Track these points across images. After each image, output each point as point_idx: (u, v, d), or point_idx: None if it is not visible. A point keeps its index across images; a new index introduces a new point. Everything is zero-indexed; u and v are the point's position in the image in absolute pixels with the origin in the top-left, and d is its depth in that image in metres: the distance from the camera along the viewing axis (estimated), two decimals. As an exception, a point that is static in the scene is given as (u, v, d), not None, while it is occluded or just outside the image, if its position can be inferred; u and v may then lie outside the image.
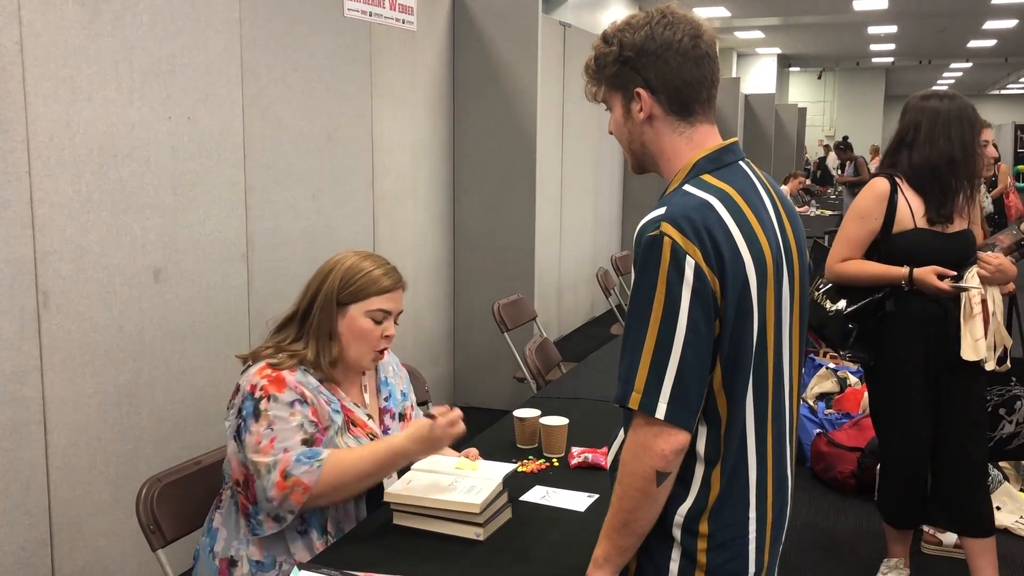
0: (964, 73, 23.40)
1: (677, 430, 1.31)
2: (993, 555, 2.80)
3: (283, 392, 1.89)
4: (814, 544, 3.52)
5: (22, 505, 2.64)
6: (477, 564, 1.77)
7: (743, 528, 1.39)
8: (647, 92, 1.40)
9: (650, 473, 1.32)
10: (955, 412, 2.76)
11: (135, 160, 2.95)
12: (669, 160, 1.44)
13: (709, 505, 1.37)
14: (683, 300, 1.29)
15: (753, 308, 1.34)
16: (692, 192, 1.36)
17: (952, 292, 2.66)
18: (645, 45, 1.39)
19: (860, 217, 2.79)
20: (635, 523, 1.36)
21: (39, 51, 2.62)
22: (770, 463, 1.42)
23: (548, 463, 2.32)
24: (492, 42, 5.07)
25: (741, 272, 1.32)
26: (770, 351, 1.39)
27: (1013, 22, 14.32)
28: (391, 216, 4.56)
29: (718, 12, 13.45)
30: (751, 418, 1.38)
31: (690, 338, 1.29)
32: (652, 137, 1.44)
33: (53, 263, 2.70)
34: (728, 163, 1.42)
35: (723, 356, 1.33)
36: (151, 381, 3.06)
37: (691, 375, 1.30)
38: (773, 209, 1.44)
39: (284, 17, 3.62)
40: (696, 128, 1.43)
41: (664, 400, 1.29)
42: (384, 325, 2.01)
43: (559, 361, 3.95)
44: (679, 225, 1.30)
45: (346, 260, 2.01)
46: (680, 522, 1.38)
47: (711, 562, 1.37)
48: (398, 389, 2.19)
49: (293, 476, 1.84)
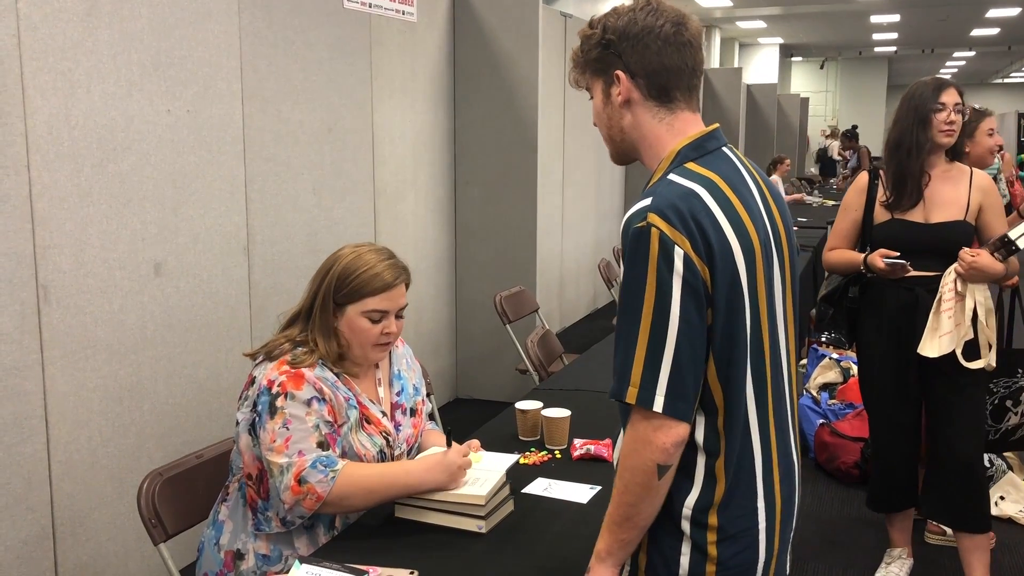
0: (967, 62, 23.32)
1: (676, 422, 1.30)
2: (985, 552, 2.80)
3: (301, 389, 1.87)
4: (818, 534, 3.52)
5: (24, 500, 2.64)
6: (479, 556, 1.76)
7: (752, 518, 1.39)
8: (626, 75, 1.41)
9: (651, 467, 1.31)
10: (942, 408, 2.76)
11: (134, 153, 2.94)
12: (651, 147, 1.44)
13: (717, 498, 1.36)
14: (674, 291, 1.28)
15: (744, 295, 1.33)
16: (677, 181, 1.35)
17: (888, 271, 2.71)
18: (627, 29, 1.40)
19: (844, 209, 2.91)
20: (637, 516, 1.36)
21: (37, 44, 2.61)
22: (775, 451, 1.42)
23: (550, 455, 2.31)
24: (493, 33, 5.05)
25: (730, 260, 1.32)
26: (765, 338, 1.38)
27: (1016, 10, 14.26)
28: (392, 208, 4.55)
29: (720, 2, 13.40)
30: (752, 407, 1.37)
31: (683, 329, 1.28)
32: (631, 123, 1.44)
33: (53, 257, 2.70)
34: (711, 150, 1.42)
35: (715, 346, 1.32)
36: (152, 375, 3.05)
37: (687, 366, 1.29)
38: (759, 194, 1.44)
39: (283, 9, 3.61)
40: (677, 115, 1.42)
41: (661, 393, 1.28)
42: (383, 323, 1.97)
43: (561, 353, 3.94)
44: (666, 215, 1.30)
45: (343, 259, 1.97)
46: (688, 515, 1.37)
47: (721, 554, 1.36)
48: (410, 383, 2.17)
49: (308, 483, 1.83)
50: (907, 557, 3.09)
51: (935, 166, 2.77)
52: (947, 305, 2.63)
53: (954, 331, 2.62)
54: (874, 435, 2.95)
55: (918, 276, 2.71)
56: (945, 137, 2.71)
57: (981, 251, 2.63)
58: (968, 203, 2.73)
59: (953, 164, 2.79)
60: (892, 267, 2.69)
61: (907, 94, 2.78)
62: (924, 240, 2.72)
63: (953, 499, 2.77)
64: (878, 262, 2.72)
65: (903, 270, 2.69)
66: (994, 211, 2.75)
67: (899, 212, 2.76)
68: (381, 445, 1.99)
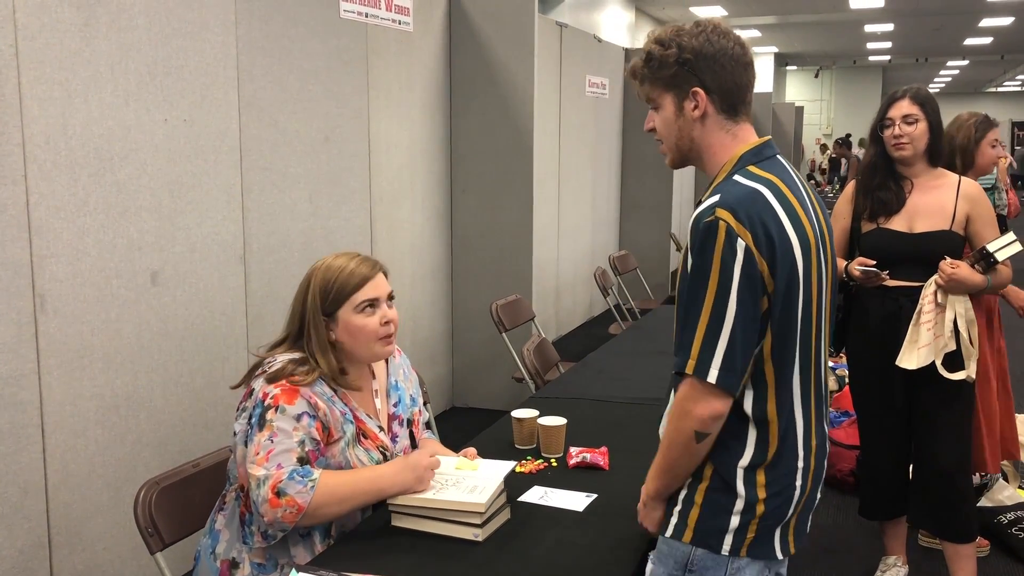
0: (961, 71, 23.41)
1: (717, 397, 1.47)
2: (970, 560, 2.81)
3: (293, 404, 1.87)
4: (813, 542, 3.53)
5: (20, 509, 2.64)
6: (476, 565, 1.77)
7: (792, 477, 1.57)
8: (704, 92, 1.56)
9: (690, 432, 1.51)
10: (925, 418, 2.78)
11: (131, 163, 2.95)
12: (715, 154, 1.60)
13: (768, 459, 1.54)
14: (735, 278, 1.44)
15: (799, 285, 1.51)
16: (742, 182, 1.52)
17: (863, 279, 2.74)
18: (704, 49, 1.55)
19: (833, 217, 2.92)
20: (678, 468, 1.57)
21: (34, 54, 2.62)
22: (813, 422, 1.61)
23: (546, 463, 2.32)
24: (488, 42, 5.07)
25: (790, 253, 1.48)
26: (813, 324, 1.56)
27: (1009, 19, 14.33)
28: (388, 217, 4.56)
29: (715, 11, 13.45)
30: (797, 384, 1.56)
31: (740, 312, 1.45)
32: (701, 133, 1.59)
33: (50, 266, 2.70)
34: (768, 156, 1.59)
35: (774, 328, 1.49)
36: (149, 384, 3.06)
37: (740, 346, 1.46)
38: (808, 198, 1.60)
39: (280, 19, 3.62)
40: (740, 126, 1.60)
41: (716, 367, 1.46)
42: (379, 312, 1.99)
43: (557, 361, 3.95)
44: (733, 211, 1.46)
45: (317, 273, 1.99)
46: (742, 475, 1.55)
47: (767, 507, 1.55)
48: (407, 394, 2.17)
49: (287, 495, 1.83)
50: (902, 565, 3.09)
51: (918, 175, 2.77)
52: (927, 317, 2.62)
53: (933, 343, 2.62)
54: (863, 443, 2.96)
55: (902, 286, 2.71)
56: (896, 151, 2.74)
57: (961, 263, 2.63)
58: (954, 212, 2.69)
59: (940, 172, 2.77)
60: (866, 275, 2.71)
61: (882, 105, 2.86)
62: (908, 250, 2.72)
63: (937, 508, 2.78)
64: (854, 271, 2.74)
65: (877, 279, 2.70)
66: (983, 220, 2.72)
67: (884, 221, 2.76)
68: (378, 460, 1.99)
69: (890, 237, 2.74)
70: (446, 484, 1.94)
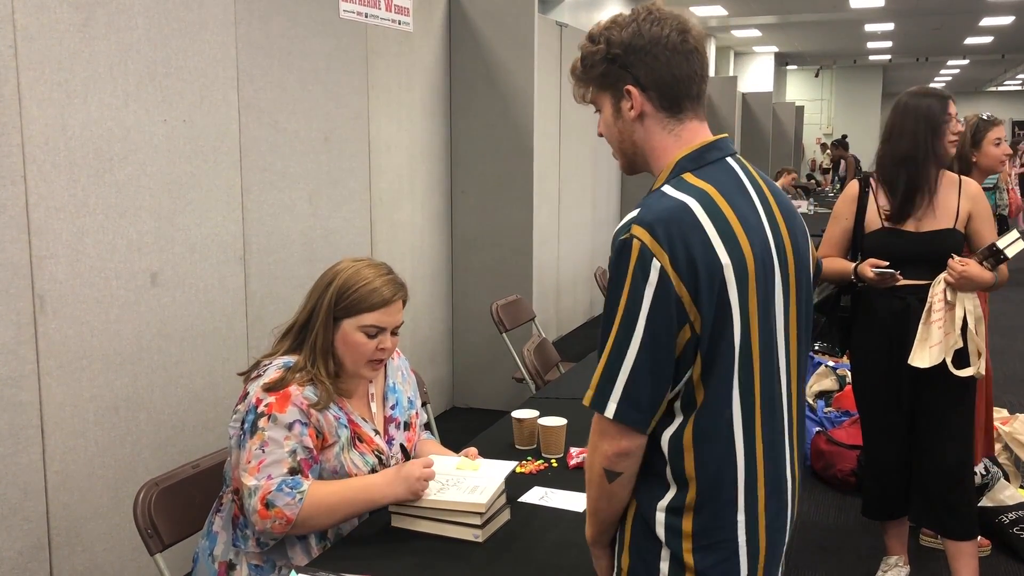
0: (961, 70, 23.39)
1: (624, 434, 1.31)
2: (972, 559, 2.81)
3: (285, 412, 1.86)
4: (814, 542, 3.52)
5: (20, 510, 2.64)
6: (476, 565, 1.76)
7: (731, 531, 1.36)
8: (637, 89, 1.38)
9: (600, 471, 1.35)
10: (930, 415, 2.78)
11: (131, 163, 2.95)
12: (659, 159, 1.42)
13: (688, 502, 1.35)
14: (644, 303, 1.28)
15: (733, 309, 1.31)
16: (669, 194, 1.34)
17: (878, 281, 2.71)
18: (633, 41, 1.37)
19: (834, 218, 2.92)
20: (600, 512, 1.42)
21: (33, 55, 2.62)
22: (761, 466, 1.38)
23: (547, 464, 2.32)
24: (488, 42, 5.07)
25: (718, 274, 1.29)
26: (755, 352, 1.35)
27: (1010, 19, 14.32)
28: (388, 217, 4.55)
29: (715, 11, 13.44)
30: (738, 418, 1.34)
31: (646, 341, 1.28)
32: (643, 136, 1.42)
33: (49, 267, 2.70)
34: (712, 160, 1.39)
35: (702, 351, 1.31)
36: (148, 385, 3.05)
37: (644, 378, 1.29)
38: (763, 206, 1.40)
39: (279, 19, 3.62)
40: (685, 125, 1.41)
41: (615, 400, 1.30)
42: (379, 340, 1.96)
43: (558, 361, 3.95)
44: (651, 228, 1.29)
45: (343, 272, 1.96)
46: (662, 520, 1.36)
47: (699, 564, 1.35)
48: (405, 396, 2.16)
49: (276, 507, 1.82)
50: (903, 565, 3.09)
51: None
52: (937, 315, 2.63)
53: (944, 341, 2.62)
54: (867, 443, 2.96)
55: (909, 285, 2.72)
56: (953, 147, 2.86)
57: (970, 260, 2.64)
58: (958, 211, 2.73)
59: (942, 173, 2.80)
60: (881, 276, 2.70)
61: (909, 106, 2.75)
62: (915, 249, 2.73)
63: (939, 506, 2.78)
64: (867, 272, 2.72)
65: (892, 279, 2.70)
66: (983, 218, 2.75)
67: (891, 221, 2.77)
68: (373, 463, 1.98)
69: (898, 237, 2.75)
70: (446, 484, 1.93)
